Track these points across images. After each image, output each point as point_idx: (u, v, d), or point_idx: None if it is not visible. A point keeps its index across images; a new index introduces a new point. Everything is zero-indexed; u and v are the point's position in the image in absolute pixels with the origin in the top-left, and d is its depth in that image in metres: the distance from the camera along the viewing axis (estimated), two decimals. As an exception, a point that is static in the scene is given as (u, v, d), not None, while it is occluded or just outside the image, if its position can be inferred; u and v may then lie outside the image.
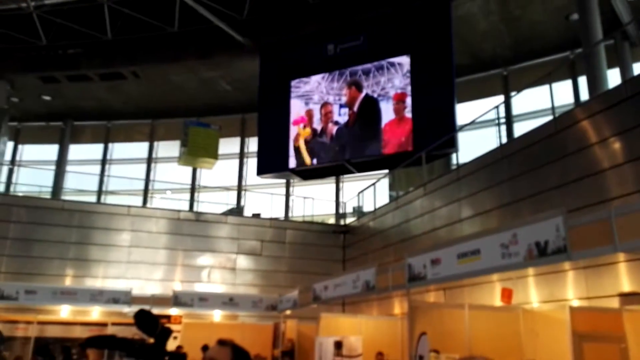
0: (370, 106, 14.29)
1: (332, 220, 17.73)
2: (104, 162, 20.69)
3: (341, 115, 14.72)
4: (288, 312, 11.78)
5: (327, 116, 14.91)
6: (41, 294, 11.57)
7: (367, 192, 15.21)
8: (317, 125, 15.04)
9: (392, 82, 14.11)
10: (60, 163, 20.31)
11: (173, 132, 19.35)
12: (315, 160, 14.84)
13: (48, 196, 18.07)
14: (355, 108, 14.55)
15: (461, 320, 6.42)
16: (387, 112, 13.98)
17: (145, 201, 19.22)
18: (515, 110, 15.46)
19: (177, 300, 12.12)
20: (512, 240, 4.76)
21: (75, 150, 20.92)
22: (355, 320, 10.00)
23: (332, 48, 15.32)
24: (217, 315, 13.26)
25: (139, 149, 20.84)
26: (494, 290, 8.53)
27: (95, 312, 12.63)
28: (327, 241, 15.31)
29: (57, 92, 18.67)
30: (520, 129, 13.81)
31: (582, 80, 13.06)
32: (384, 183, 15.11)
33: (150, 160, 20.49)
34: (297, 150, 15.10)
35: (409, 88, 13.82)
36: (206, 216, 14.98)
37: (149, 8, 16.27)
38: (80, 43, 17.28)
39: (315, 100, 15.24)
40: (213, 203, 18.43)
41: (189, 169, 19.40)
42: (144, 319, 1.87)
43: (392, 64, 14.20)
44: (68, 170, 20.22)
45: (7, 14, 16.61)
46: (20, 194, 18.29)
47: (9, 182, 19.55)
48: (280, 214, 18.05)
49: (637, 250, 4.73)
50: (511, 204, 8.73)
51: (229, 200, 18.98)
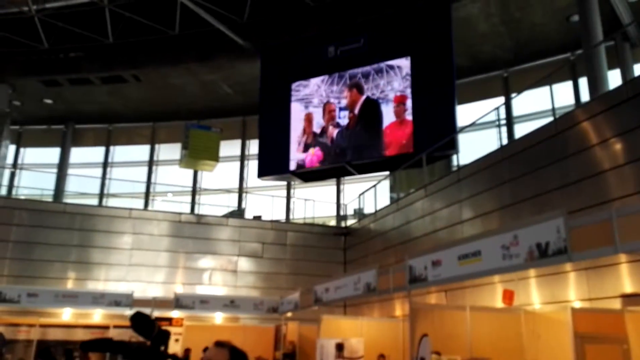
0: (372, 108, 14.30)
1: (333, 222, 17.73)
2: (105, 165, 20.73)
3: (341, 118, 14.74)
4: (289, 314, 11.78)
5: (330, 114, 14.90)
6: (43, 296, 11.56)
7: (368, 194, 15.22)
8: (317, 128, 15.05)
9: (392, 84, 14.13)
10: (62, 166, 20.35)
11: (174, 134, 19.38)
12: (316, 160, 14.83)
13: (50, 199, 18.09)
14: (356, 111, 14.56)
15: (463, 322, 6.42)
16: (387, 114, 14.00)
17: (146, 204, 19.24)
18: (516, 111, 15.47)
19: (178, 302, 12.12)
20: (512, 242, 4.76)
21: (77, 154, 20.96)
22: (356, 322, 9.99)
23: (332, 50, 15.34)
24: (219, 317, 13.26)
25: (141, 151, 20.87)
26: (495, 291, 8.52)
27: (97, 315, 12.63)
28: (328, 243, 15.31)
29: (59, 95, 18.72)
30: (521, 130, 13.82)
31: (583, 82, 13.06)
32: (385, 185, 15.11)
33: (151, 163, 20.52)
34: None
35: (408, 90, 13.84)
36: (207, 219, 14.99)
37: (150, 11, 16.31)
38: (82, 46, 17.33)
39: (314, 103, 15.26)
40: (214, 205, 18.45)
41: (190, 172, 19.44)
42: (140, 322, 1.87)
43: (392, 67, 14.22)
44: (70, 173, 20.27)
45: (9, 17, 16.68)
46: (22, 197, 18.32)
47: (11, 185, 19.61)
48: (281, 216, 18.06)
49: (638, 251, 4.73)
50: (512, 205, 8.73)
51: (230, 202, 19.00)
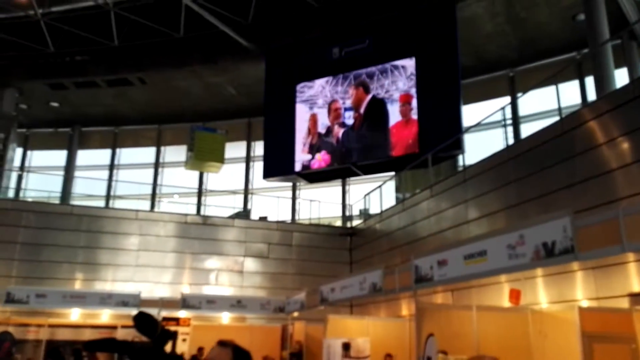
0: (377, 108, 14.28)
1: (338, 223, 17.75)
2: (111, 167, 20.84)
3: (346, 118, 14.75)
4: (295, 314, 11.80)
5: (336, 112, 14.89)
6: (51, 297, 11.65)
7: (374, 194, 15.22)
8: (322, 129, 15.06)
9: (396, 84, 14.12)
10: (69, 169, 20.49)
11: (180, 137, 19.46)
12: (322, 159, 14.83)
13: (57, 201, 18.20)
14: (361, 110, 14.55)
15: (469, 322, 6.41)
16: (393, 114, 13.99)
17: (153, 205, 19.33)
18: (522, 111, 15.43)
19: (185, 303, 12.17)
20: (518, 241, 4.76)
21: (84, 156, 21.09)
22: (362, 321, 10.00)
23: (337, 51, 15.36)
24: (226, 317, 13.30)
25: (147, 154, 20.97)
26: (502, 291, 8.51)
27: (105, 315, 12.70)
28: (334, 243, 15.33)
29: (65, 98, 18.84)
30: (528, 130, 13.79)
31: (590, 81, 13.02)
32: (390, 185, 15.11)
33: (157, 165, 20.61)
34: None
35: (413, 90, 13.83)
36: (213, 220, 15.04)
37: (155, 14, 16.39)
38: (87, 50, 17.44)
39: (319, 104, 15.28)
40: (220, 207, 18.51)
41: (196, 173, 19.51)
42: (143, 322, 1.88)
43: (396, 67, 14.22)
44: (76, 175, 20.39)
45: (15, 21, 16.81)
46: (30, 200, 18.44)
47: (18, 187, 19.75)
48: (287, 217, 18.09)
49: (645, 249, 4.71)
50: (518, 205, 8.71)
51: (236, 203, 19.05)
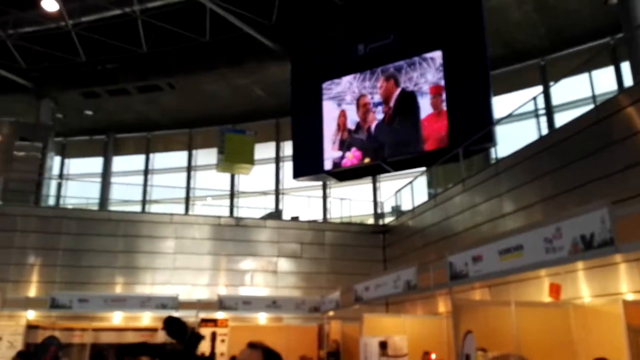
0: (408, 101, 14.09)
1: (371, 221, 17.69)
2: (146, 172, 21.31)
3: (376, 113, 14.65)
4: (331, 313, 11.83)
5: (365, 107, 14.81)
6: (93, 302, 12.00)
7: (405, 190, 15.09)
8: (352, 125, 15.00)
9: (425, 76, 13.94)
10: (105, 175, 21.06)
11: (210, 140, 19.73)
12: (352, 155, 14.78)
13: (95, 207, 18.72)
14: (391, 103, 14.39)
15: (508, 318, 6.30)
16: (424, 106, 13.81)
17: (187, 208, 19.67)
18: (555, 100, 15.03)
19: (222, 304, 12.36)
20: (555, 234, 4.65)
21: (119, 162, 21.64)
22: (399, 320, 9.95)
23: (362, 48, 15.29)
24: (262, 317, 13.44)
25: (179, 158, 21.36)
26: (541, 286, 8.31)
27: (146, 318, 12.99)
28: (367, 242, 15.28)
29: (99, 106, 19.36)
30: (562, 119, 13.42)
31: (625, 66, 12.58)
32: (421, 181, 14.96)
33: (189, 168, 20.97)
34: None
35: (443, 81, 13.63)
36: (246, 221, 15.21)
37: (181, 20, 16.66)
38: (117, 58, 17.86)
39: (347, 100, 15.23)
40: (252, 208, 18.69)
41: (228, 175, 19.75)
42: (173, 326, 1.92)
43: (425, 59, 14.04)
44: (113, 181, 20.94)
45: (47, 33, 17.34)
46: (70, 207, 19.03)
47: (58, 195, 20.40)
48: (319, 216, 18.13)
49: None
50: (554, 197, 8.49)
51: (268, 204, 19.21)
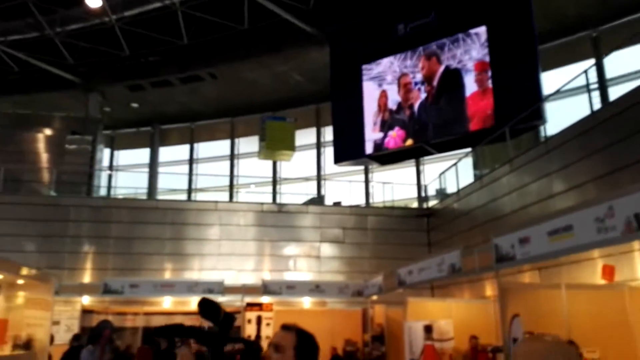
0: (452, 79, 13.63)
1: (415, 205, 17.42)
2: (191, 161, 21.76)
3: (419, 93, 14.27)
4: (374, 297, 11.76)
5: (406, 87, 14.48)
6: (143, 287, 12.43)
7: (449, 172, 14.74)
8: (393, 105, 14.71)
9: (470, 53, 13.44)
10: (152, 165, 21.66)
11: (252, 128, 19.88)
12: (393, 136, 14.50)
13: (144, 197, 19.31)
14: (434, 82, 13.98)
15: (558, 301, 6.04)
16: (469, 84, 13.34)
17: (231, 196, 19.98)
18: (609, 73, 14.19)
19: (266, 288, 12.53)
20: (607, 214, 4.37)
21: (165, 152, 22.19)
22: (444, 304, 9.77)
23: (402, 28, 14.92)
24: (307, 302, 13.54)
25: (222, 146, 21.68)
26: (595, 267, 7.94)
27: (194, 302, 13.32)
28: (411, 226, 15.07)
29: (143, 99, 19.84)
30: (616, 93, 12.67)
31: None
32: (466, 162, 14.55)
33: (232, 156, 21.25)
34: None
35: (488, 57, 13.11)
36: (288, 207, 15.30)
37: (219, 9, 16.74)
38: (159, 50, 18.21)
39: (388, 80, 14.92)
40: (295, 194, 18.78)
41: (270, 162, 19.89)
42: (207, 308, 1.92)
43: (468, 35, 13.53)
44: (160, 171, 21.52)
45: (93, 29, 17.85)
46: (120, 197, 19.71)
47: (109, 186, 21.17)
48: (361, 201, 18.01)
49: None
50: (608, 174, 8.05)
51: (310, 190, 19.24)
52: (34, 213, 13.86)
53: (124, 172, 22.17)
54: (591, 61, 14.71)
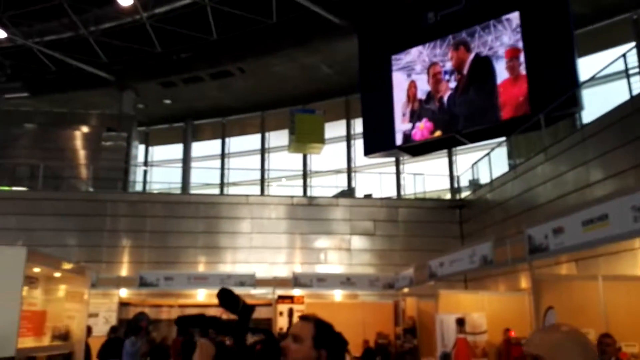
0: (483, 66, 13.31)
1: (447, 196, 17.15)
2: (223, 156, 22.03)
3: (448, 82, 14.01)
4: (406, 289, 11.66)
5: (436, 77, 14.22)
6: (177, 279, 12.67)
7: (482, 162, 14.43)
8: (422, 95, 14.47)
9: (501, 39, 13.08)
10: (186, 160, 22.03)
11: (282, 121, 19.92)
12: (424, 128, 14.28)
13: (178, 192, 19.66)
14: (464, 71, 13.69)
15: (594, 293, 5.84)
16: (500, 71, 12.99)
17: (262, 190, 20.14)
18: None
19: (297, 281, 12.58)
20: (645, 201, 4.18)
21: (197, 148, 22.53)
22: (477, 296, 9.61)
23: (432, 16, 14.64)
24: (338, 295, 13.53)
25: (253, 141, 21.85)
26: (635, 258, 7.64)
27: (227, 295, 13.53)
28: (443, 217, 14.85)
29: (176, 95, 20.15)
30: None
31: None
32: (499, 152, 14.21)
33: (263, 150, 21.40)
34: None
35: (521, 43, 12.73)
36: (319, 200, 15.30)
37: (247, 3, 16.81)
38: (190, 46, 18.44)
39: (417, 70, 14.68)
40: (325, 187, 18.77)
41: (300, 156, 19.93)
42: (226, 298, 1.93)
43: (500, 21, 13.18)
44: (193, 166, 21.87)
45: (125, 27, 18.21)
46: (155, 192, 20.14)
47: (144, 181, 21.65)
48: (392, 193, 17.84)
49: None
50: (649, 161, 7.72)
51: (341, 182, 19.19)
52: (72, 208, 14.30)
53: (159, 167, 22.64)
54: (630, 45, 14.10)
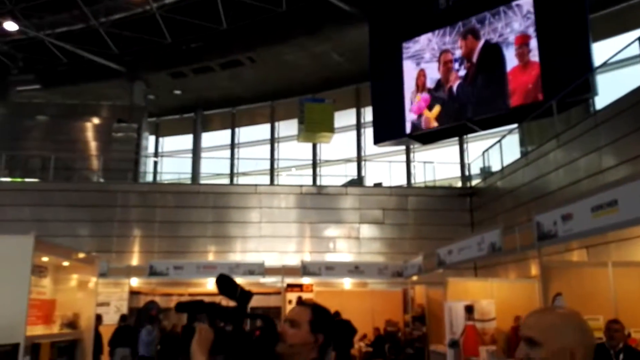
0: (492, 54, 13.13)
1: (458, 184, 17.00)
2: (232, 146, 22.06)
3: (458, 70, 13.84)
4: (415, 277, 11.61)
5: (446, 65, 14.04)
6: (187, 269, 12.75)
7: (493, 150, 14.26)
8: (431, 84, 14.32)
9: (511, 26, 12.86)
10: (196, 151, 22.10)
11: (291, 111, 19.87)
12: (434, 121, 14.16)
13: (188, 182, 19.75)
14: (474, 59, 13.51)
15: (604, 279, 5.75)
16: (510, 58, 12.80)
17: (272, 179, 20.14)
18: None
19: (305, 270, 12.60)
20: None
21: (207, 138, 22.58)
22: (485, 283, 9.52)
23: (443, 1, 14.43)
24: (347, 283, 13.53)
25: (262, 130, 21.83)
26: (647, 245, 7.51)
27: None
28: (453, 205, 14.74)
29: (186, 86, 20.18)
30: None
31: None
32: (510, 139, 14.02)
33: (273, 140, 21.38)
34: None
35: (531, 29, 12.49)
36: (328, 189, 15.26)
37: (256, -9, 16.71)
38: (200, 36, 18.40)
39: (426, 58, 14.51)
40: (335, 176, 18.72)
41: (310, 145, 19.87)
42: (224, 284, 1.91)
43: (510, 7, 12.95)
44: (203, 156, 21.93)
45: (135, 18, 18.22)
46: (165, 182, 20.24)
47: (155, 172, 21.77)
48: (402, 182, 17.74)
49: None
50: (663, 146, 7.54)
51: (351, 171, 19.11)
52: (84, 199, 14.43)
53: (169, 158, 22.74)
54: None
